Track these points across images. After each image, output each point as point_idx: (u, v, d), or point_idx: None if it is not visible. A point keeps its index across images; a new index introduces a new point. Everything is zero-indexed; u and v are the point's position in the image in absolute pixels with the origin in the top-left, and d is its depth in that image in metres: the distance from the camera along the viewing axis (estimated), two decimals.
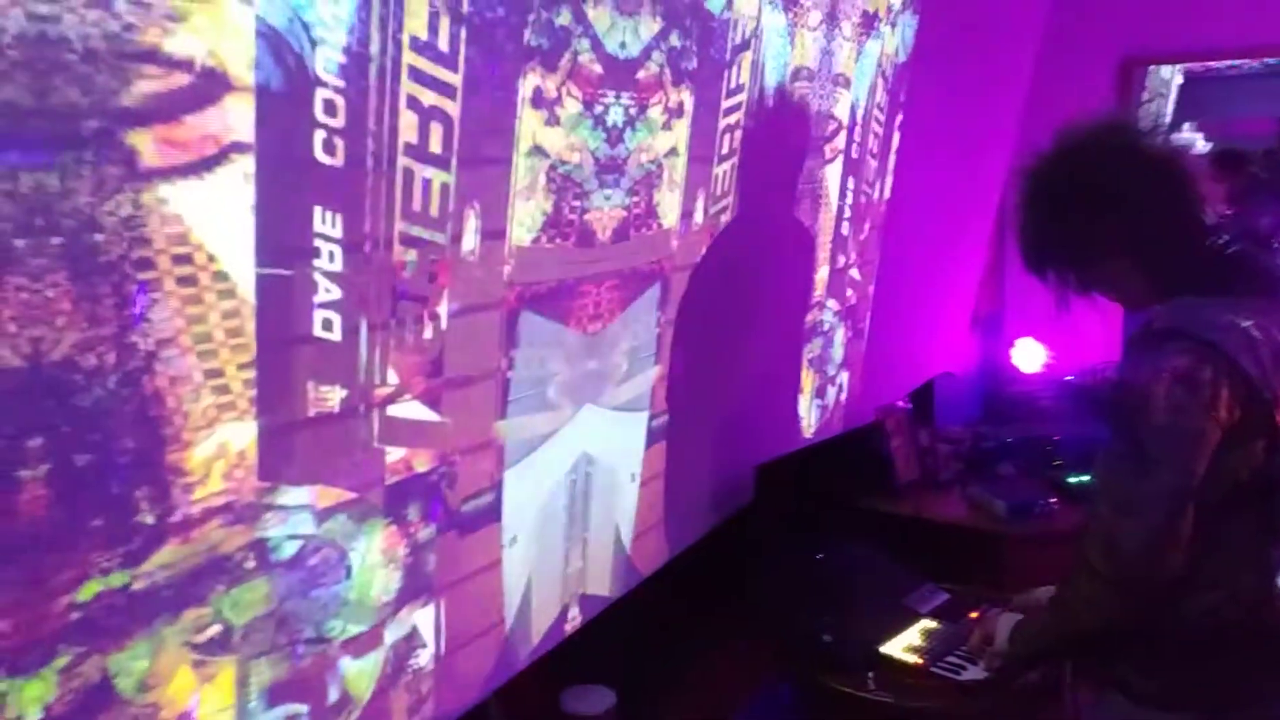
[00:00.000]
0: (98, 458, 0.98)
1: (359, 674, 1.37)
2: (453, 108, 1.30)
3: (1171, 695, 1.60)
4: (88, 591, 1.00)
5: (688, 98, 1.80)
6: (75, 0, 0.86)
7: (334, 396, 1.23)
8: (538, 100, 1.44)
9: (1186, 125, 10.26)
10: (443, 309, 1.36)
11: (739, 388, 2.25)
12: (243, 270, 1.08)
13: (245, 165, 1.05)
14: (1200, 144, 9.50)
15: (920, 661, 2.04)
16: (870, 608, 2.25)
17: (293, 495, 1.21)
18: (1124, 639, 1.63)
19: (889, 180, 2.86)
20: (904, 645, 2.11)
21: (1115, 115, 1.67)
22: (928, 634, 2.15)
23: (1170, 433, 1.47)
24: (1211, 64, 8.38)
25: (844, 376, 2.91)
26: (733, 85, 1.94)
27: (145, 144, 0.95)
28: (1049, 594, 1.76)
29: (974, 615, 2.10)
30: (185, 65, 0.97)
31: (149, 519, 1.05)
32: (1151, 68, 7.85)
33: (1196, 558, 1.52)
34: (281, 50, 1.06)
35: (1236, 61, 7.32)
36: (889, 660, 2.07)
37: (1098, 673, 1.73)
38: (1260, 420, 1.45)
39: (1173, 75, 8.94)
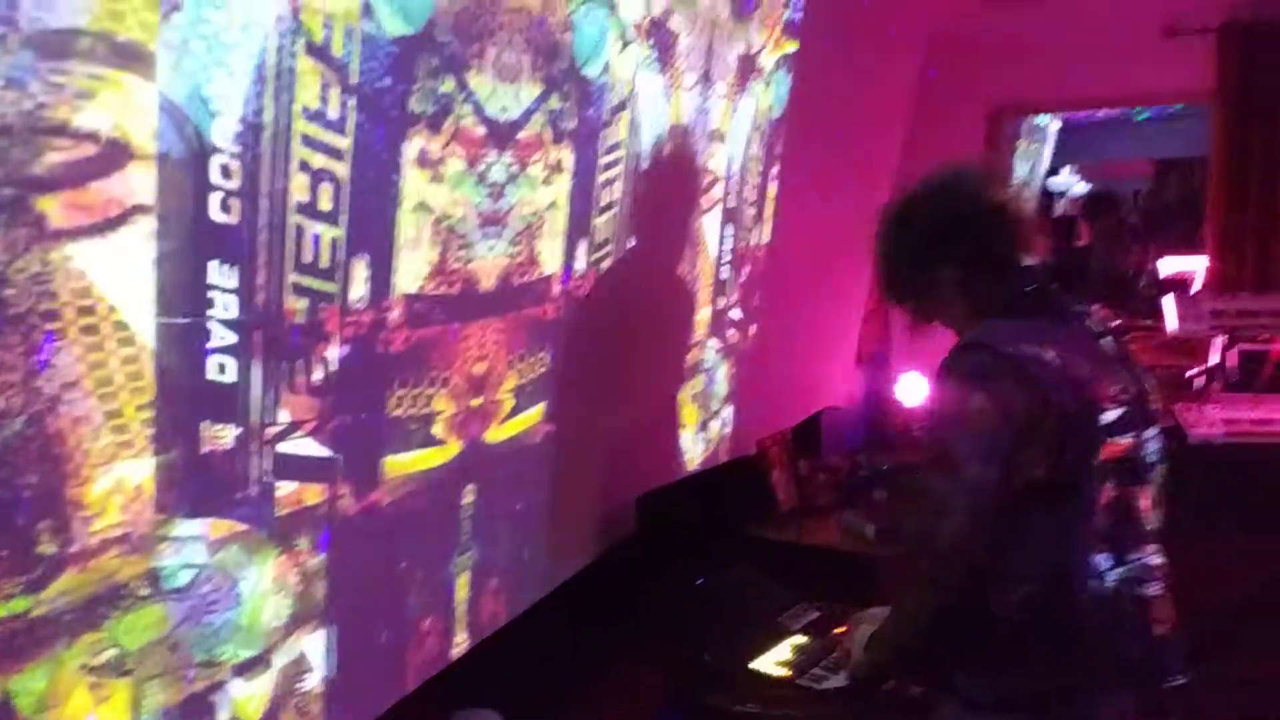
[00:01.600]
0: (3, 492, 1.07)
1: (248, 697, 1.46)
2: (342, 169, 1.42)
3: (996, 697, 1.78)
4: None
5: (567, 155, 1.95)
6: None
7: (227, 434, 1.33)
8: (423, 160, 1.57)
9: (1066, 169, 10.92)
10: (332, 353, 1.47)
11: (621, 423, 2.40)
12: (143, 319, 1.18)
13: (146, 225, 1.16)
14: (1078, 186, 10.11)
15: (788, 674, 2.20)
16: (747, 627, 2.40)
17: (186, 527, 1.31)
18: (954, 643, 1.81)
19: (767, 227, 3.06)
20: (775, 660, 2.27)
21: (963, 164, 1.89)
22: (797, 649, 2.31)
23: (970, 434, 1.66)
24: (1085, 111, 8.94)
25: (728, 411, 3.08)
26: (611, 143, 2.10)
27: (54, 208, 1.05)
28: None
29: (840, 630, 2.27)
30: (92, 137, 1.07)
31: (50, 549, 1.13)
32: (1036, 116, 8.37)
33: (1002, 554, 1.71)
34: (182, 122, 1.17)
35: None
36: (760, 675, 2.23)
37: (938, 681, 1.91)
38: (1047, 425, 1.64)
39: (1049, 122, 9.52)
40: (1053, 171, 10.14)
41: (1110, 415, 1.71)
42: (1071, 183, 10.64)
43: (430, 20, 1.52)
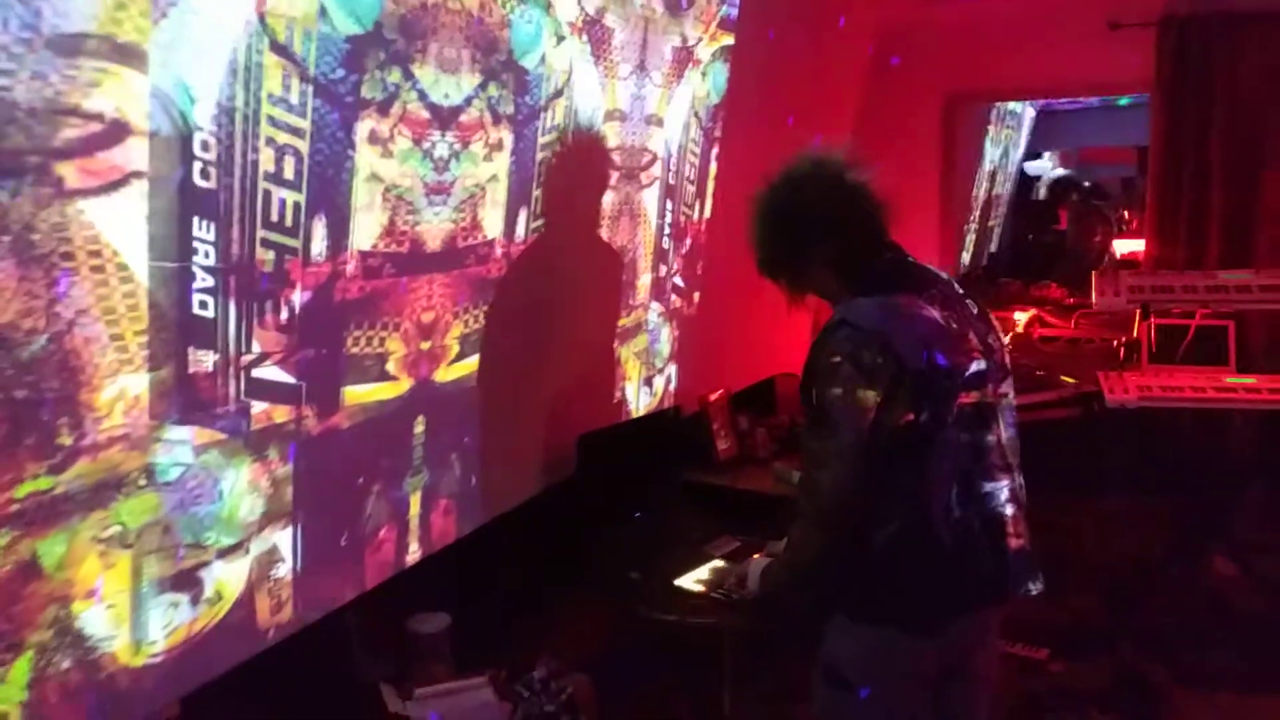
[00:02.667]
0: (32, 393, 1.39)
1: (228, 577, 1.78)
2: (303, 145, 1.73)
3: (874, 614, 2.09)
4: (22, 490, 1.40)
5: (507, 135, 2.26)
6: (24, 75, 1.28)
7: (208, 359, 1.65)
8: (373, 138, 1.88)
9: (1047, 154, 11.17)
10: (296, 297, 1.79)
11: (562, 373, 2.71)
12: (139, 262, 1.50)
13: (141, 187, 1.47)
14: (1057, 171, 10.37)
15: (703, 589, 2.53)
16: (674, 553, 2.73)
17: (175, 432, 1.62)
18: (841, 571, 2.12)
19: (708, 203, 3.36)
20: (695, 579, 2.60)
21: (824, 151, 2.14)
22: (715, 570, 2.64)
23: (842, 400, 1.95)
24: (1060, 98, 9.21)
25: (672, 369, 3.40)
26: (549, 125, 2.41)
27: (70, 172, 1.37)
28: None
29: (756, 556, 2.59)
30: (98, 117, 1.39)
31: (67, 440, 1.45)
32: (1007, 103, 8.64)
33: (875, 498, 2.02)
34: (169, 106, 1.48)
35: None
36: (681, 590, 2.55)
37: (829, 600, 2.22)
38: (909, 386, 1.94)
39: (1024, 109, 9.78)
40: (1033, 156, 10.41)
41: (973, 367, 2.00)
42: (1048, 168, 10.92)
43: (378, 21, 1.83)
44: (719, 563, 2.69)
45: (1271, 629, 3.83)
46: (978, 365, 2.01)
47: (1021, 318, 6.23)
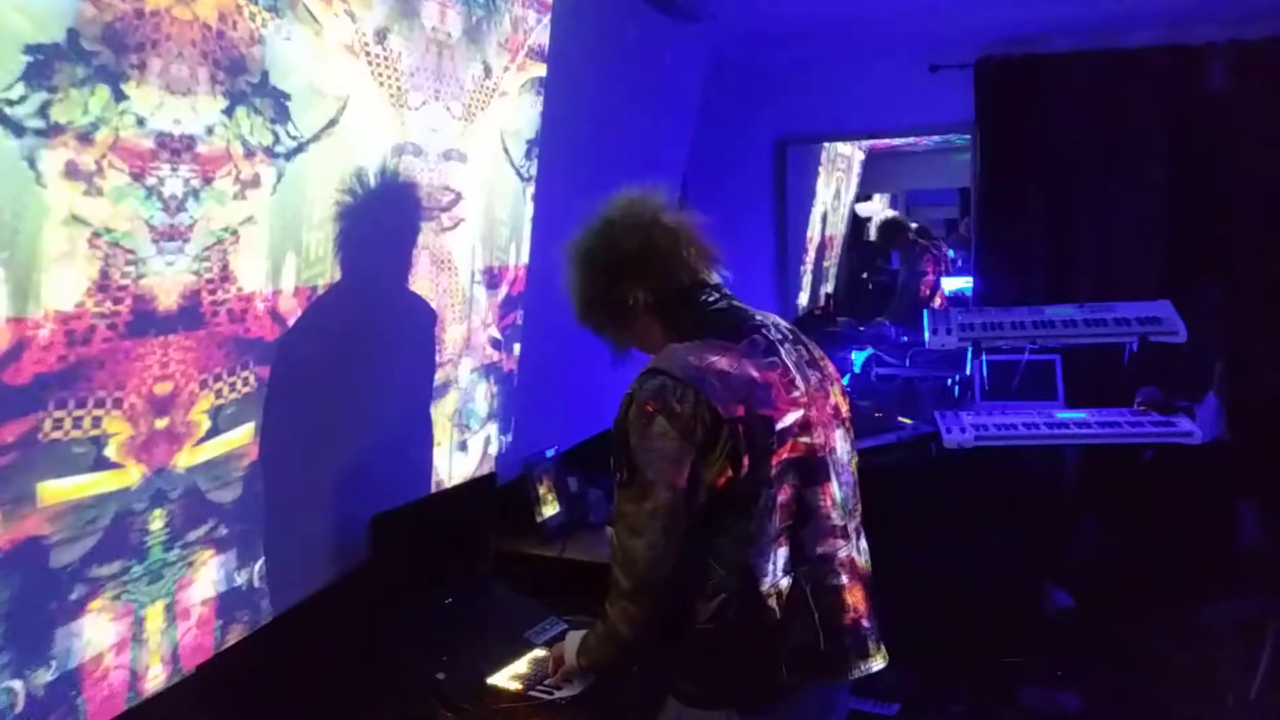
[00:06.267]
0: None
1: None
2: None
3: (706, 694, 1.85)
4: None
5: (265, 170, 1.92)
6: None
7: None
8: (72, 172, 1.51)
9: (877, 196, 11.48)
10: None
11: (354, 444, 2.35)
12: None
13: None
14: (887, 213, 10.64)
15: (519, 687, 2.21)
16: (491, 643, 2.40)
17: None
18: (667, 649, 1.87)
19: (525, 246, 3.08)
20: (510, 674, 2.27)
21: (642, 192, 1.96)
22: (535, 662, 2.32)
23: (655, 455, 1.73)
24: (887, 142, 9.48)
25: (492, 429, 3.08)
26: (324, 159, 2.07)
27: None
28: None
29: (571, 633, 2.29)
30: None
31: None
32: (837, 145, 8.80)
33: (697, 566, 1.79)
34: None
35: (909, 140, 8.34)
36: (494, 690, 2.23)
37: (654, 680, 1.96)
38: (724, 439, 1.73)
39: (853, 152, 10.00)
40: (862, 198, 10.67)
41: (787, 419, 1.80)
42: (878, 209, 11.22)
43: (72, 29, 1.47)
44: (540, 652, 2.39)
45: (1107, 661, 3.81)
46: (795, 415, 1.84)
47: (859, 357, 6.22)
